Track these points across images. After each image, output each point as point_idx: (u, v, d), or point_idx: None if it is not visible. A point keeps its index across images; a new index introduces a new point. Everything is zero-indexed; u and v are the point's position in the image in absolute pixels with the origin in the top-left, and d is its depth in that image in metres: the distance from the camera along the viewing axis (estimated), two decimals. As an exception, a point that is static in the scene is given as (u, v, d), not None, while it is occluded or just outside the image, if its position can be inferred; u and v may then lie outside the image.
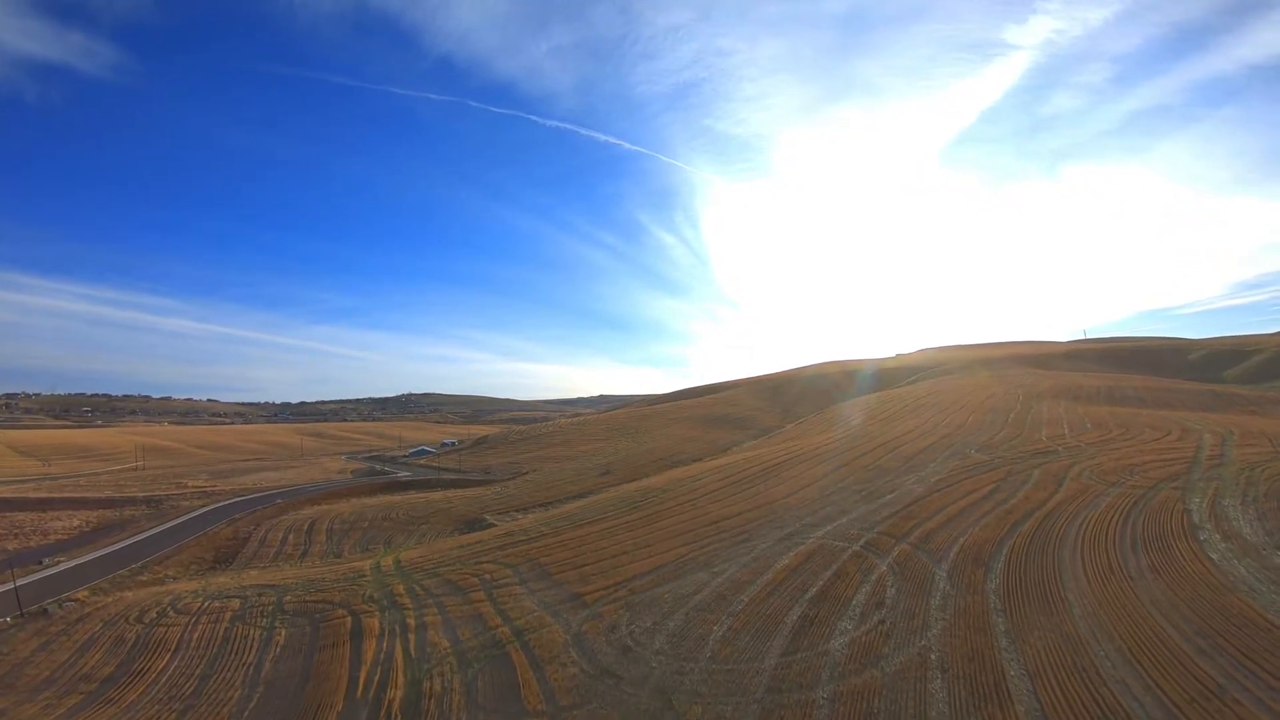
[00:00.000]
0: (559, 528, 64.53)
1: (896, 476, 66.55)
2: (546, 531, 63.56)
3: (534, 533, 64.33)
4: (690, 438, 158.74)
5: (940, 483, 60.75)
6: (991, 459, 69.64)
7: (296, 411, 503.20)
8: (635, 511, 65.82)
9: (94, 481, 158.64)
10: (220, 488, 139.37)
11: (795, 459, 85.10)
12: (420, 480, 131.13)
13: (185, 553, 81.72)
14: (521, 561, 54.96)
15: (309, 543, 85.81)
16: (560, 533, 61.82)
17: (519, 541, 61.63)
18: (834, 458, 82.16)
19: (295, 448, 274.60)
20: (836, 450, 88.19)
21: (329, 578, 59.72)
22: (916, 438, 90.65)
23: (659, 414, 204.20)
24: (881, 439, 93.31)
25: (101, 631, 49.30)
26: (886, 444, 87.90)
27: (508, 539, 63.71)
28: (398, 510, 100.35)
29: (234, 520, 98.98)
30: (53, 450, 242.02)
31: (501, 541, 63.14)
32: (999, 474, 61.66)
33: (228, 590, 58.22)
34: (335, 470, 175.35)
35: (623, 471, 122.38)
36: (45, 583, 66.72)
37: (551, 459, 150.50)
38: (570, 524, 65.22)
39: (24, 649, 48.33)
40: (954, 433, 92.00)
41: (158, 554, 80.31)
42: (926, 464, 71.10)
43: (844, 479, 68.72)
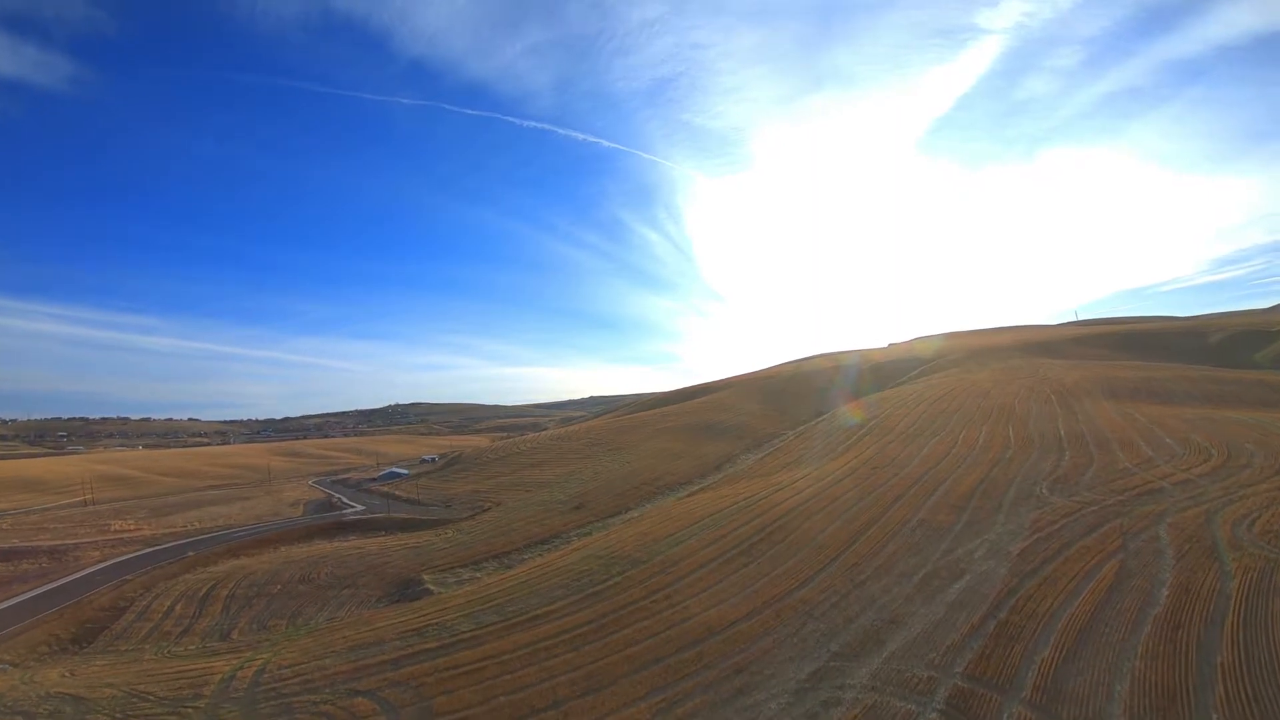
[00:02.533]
0: (485, 626, 45.00)
1: (954, 541, 47.33)
2: (467, 634, 43.96)
3: (452, 631, 44.80)
4: (677, 453, 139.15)
5: (1027, 557, 41.53)
6: (1078, 505, 50.55)
7: (280, 428, 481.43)
8: (591, 605, 46.14)
9: (15, 524, 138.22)
10: (145, 531, 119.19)
11: (803, 506, 65.67)
12: (367, 520, 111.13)
13: (42, 628, 61.95)
14: (408, 697, 35.52)
15: (199, 614, 66.16)
16: (482, 639, 42.25)
17: (426, 649, 42.17)
18: (855, 504, 62.90)
19: (264, 470, 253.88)
20: (855, 489, 68.96)
21: (158, 692, 40.35)
22: (956, 466, 71.46)
23: (644, 424, 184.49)
24: (910, 469, 74.14)
25: None
26: (919, 478, 68.73)
27: (416, 640, 44.22)
28: (324, 566, 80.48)
29: (124, 581, 79.07)
30: (4, 483, 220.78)
31: (407, 643, 43.72)
32: (1107, 537, 42.54)
33: (21, 703, 38.89)
34: (290, 501, 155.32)
35: (597, 504, 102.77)
36: None
37: (522, 486, 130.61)
38: (502, 620, 45.62)
39: None
40: (1003, 456, 72.90)
41: (6, 629, 60.65)
42: (990, 517, 51.87)
43: (879, 545, 49.39)
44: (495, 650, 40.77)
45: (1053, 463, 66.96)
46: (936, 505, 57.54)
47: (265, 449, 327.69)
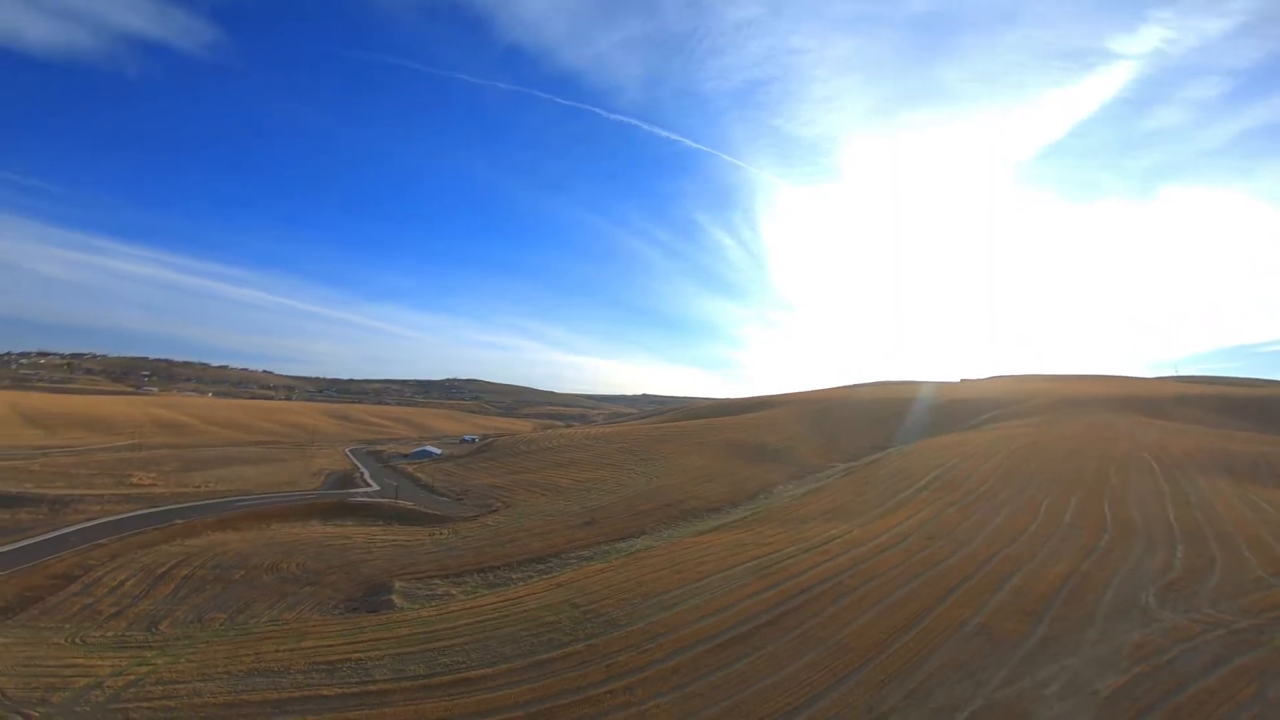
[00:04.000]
0: (402, 679, 35.38)
1: (1023, 663, 34.90)
2: (375, 687, 34.43)
3: (363, 677, 35.41)
4: (712, 474, 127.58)
5: (1121, 702, 29.15)
6: (1198, 626, 37.37)
7: (342, 389, 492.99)
8: (535, 678, 35.97)
9: (46, 465, 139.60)
10: (157, 489, 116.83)
11: (833, 580, 53.60)
12: (370, 505, 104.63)
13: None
14: None
15: (144, 595, 59.75)
16: (386, 699, 32.60)
17: (319, 696, 33.01)
18: (898, 588, 50.64)
19: (310, 432, 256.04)
20: (901, 566, 56.49)
21: (11, 688, 32.95)
22: (1035, 550, 57.98)
23: (685, 434, 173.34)
24: (975, 545, 61.02)
25: None
26: (986, 561, 55.76)
27: (319, 679, 35.04)
28: (300, 554, 73.54)
29: (96, 546, 74.33)
30: (64, 420, 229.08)
31: (308, 680, 34.71)
32: (1238, 679, 29.66)
33: None
34: (315, 470, 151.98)
35: (610, 523, 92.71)
36: None
37: (540, 488, 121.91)
38: (425, 675, 35.87)
39: None
40: (1096, 544, 58.91)
41: None
42: (1076, 632, 38.99)
43: (919, 657, 37.30)
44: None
45: (1163, 561, 52.62)
46: (1004, 606, 44.65)
47: (319, 409, 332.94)
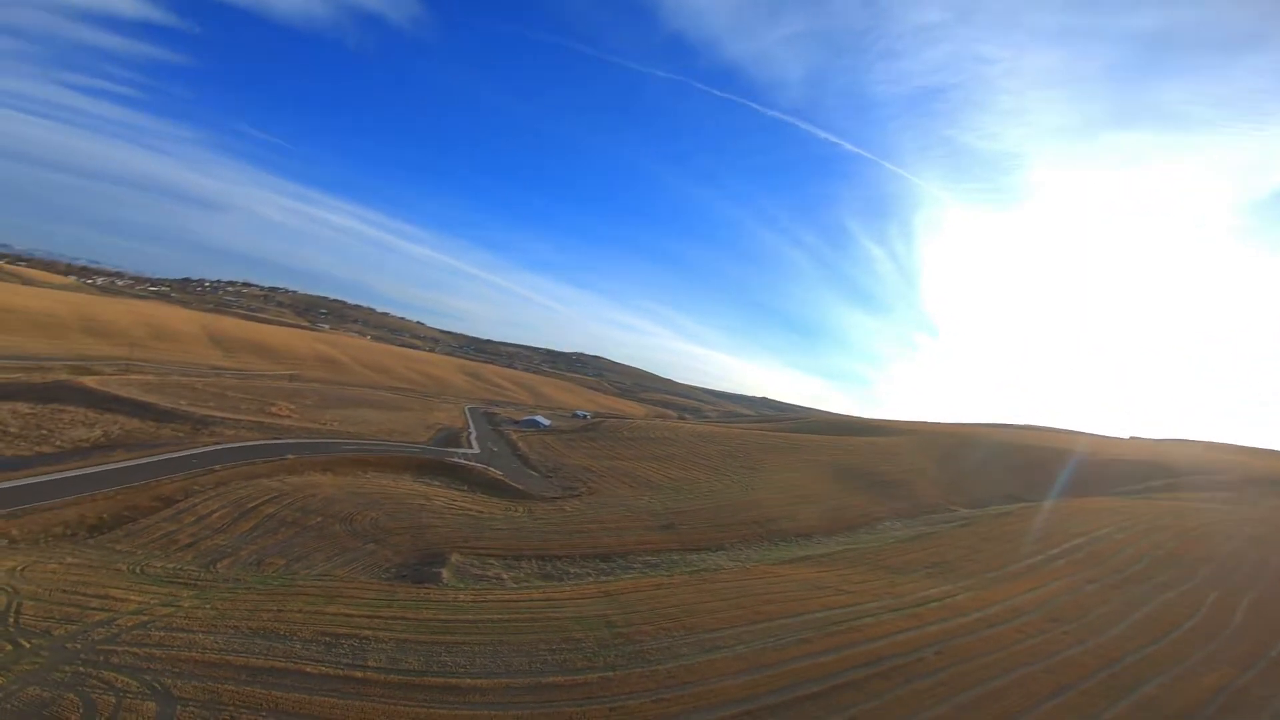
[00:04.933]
0: (395, 670, 32.60)
1: None
2: (361, 675, 31.89)
3: (357, 661, 33.05)
4: (813, 495, 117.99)
5: None
6: None
7: (479, 348, 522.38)
8: (534, 704, 31.88)
9: (209, 384, 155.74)
10: (289, 421, 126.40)
11: (915, 657, 44.86)
12: (463, 468, 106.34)
13: (82, 506, 62.00)
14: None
15: (224, 529, 62.81)
16: (364, 691, 29.98)
17: (301, 673, 30.94)
18: (995, 677, 41.38)
19: (442, 384, 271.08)
20: (1007, 650, 46.63)
21: (51, 610, 33.97)
22: (1183, 656, 46.07)
23: (795, 447, 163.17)
24: (1109, 636, 49.80)
25: None
26: (1117, 657, 44.82)
27: (317, 653, 33.17)
28: (374, 509, 74.93)
29: (209, 471, 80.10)
30: (243, 345, 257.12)
31: (306, 651, 32.94)
32: None
33: None
34: (430, 424, 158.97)
35: (689, 530, 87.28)
36: None
37: (631, 478, 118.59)
38: (418, 671, 32.95)
39: None
40: (1263, 655, 45.88)
41: (58, 499, 61.68)
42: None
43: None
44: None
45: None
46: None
47: (455, 364, 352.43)
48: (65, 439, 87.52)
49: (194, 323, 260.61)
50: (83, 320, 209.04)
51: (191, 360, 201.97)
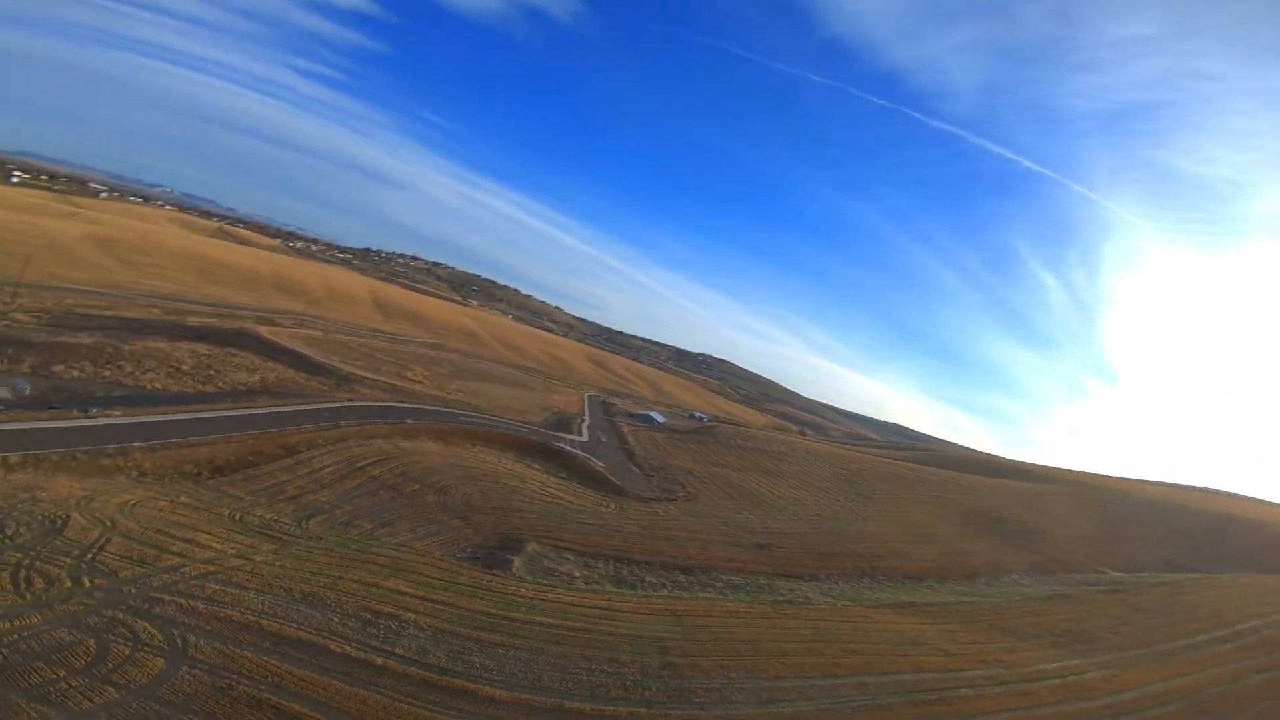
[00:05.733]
0: (424, 664, 30.96)
1: None
2: (381, 662, 30.52)
3: (387, 650, 31.80)
4: (932, 534, 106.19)
5: None
6: None
7: (610, 338, 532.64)
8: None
9: (363, 344, 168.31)
10: (418, 387, 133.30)
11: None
12: (564, 455, 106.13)
13: (212, 448, 67.41)
14: (204, 702, 23.96)
15: (328, 485, 65.75)
16: (381, 684, 28.46)
17: (327, 654, 30.14)
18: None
19: (568, 368, 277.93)
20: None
21: (136, 546, 36.03)
22: None
23: (920, 481, 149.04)
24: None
25: None
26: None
27: (349, 631, 32.51)
28: (470, 484, 75.77)
29: (332, 427, 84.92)
30: (401, 312, 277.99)
31: (343, 626, 32.34)
32: None
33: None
34: (546, 406, 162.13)
35: (786, 554, 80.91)
36: (16, 436, 55.97)
37: (735, 489, 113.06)
38: (451, 669, 31.07)
39: None
40: None
41: (196, 437, 67.55)
42: None
43: None
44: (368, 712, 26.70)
45: None
46: None
47: (584, 351, 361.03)
48: (226, 381, 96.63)
49: (364, 288, 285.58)
50: (276, 278, 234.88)
51: (355, 321, 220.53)
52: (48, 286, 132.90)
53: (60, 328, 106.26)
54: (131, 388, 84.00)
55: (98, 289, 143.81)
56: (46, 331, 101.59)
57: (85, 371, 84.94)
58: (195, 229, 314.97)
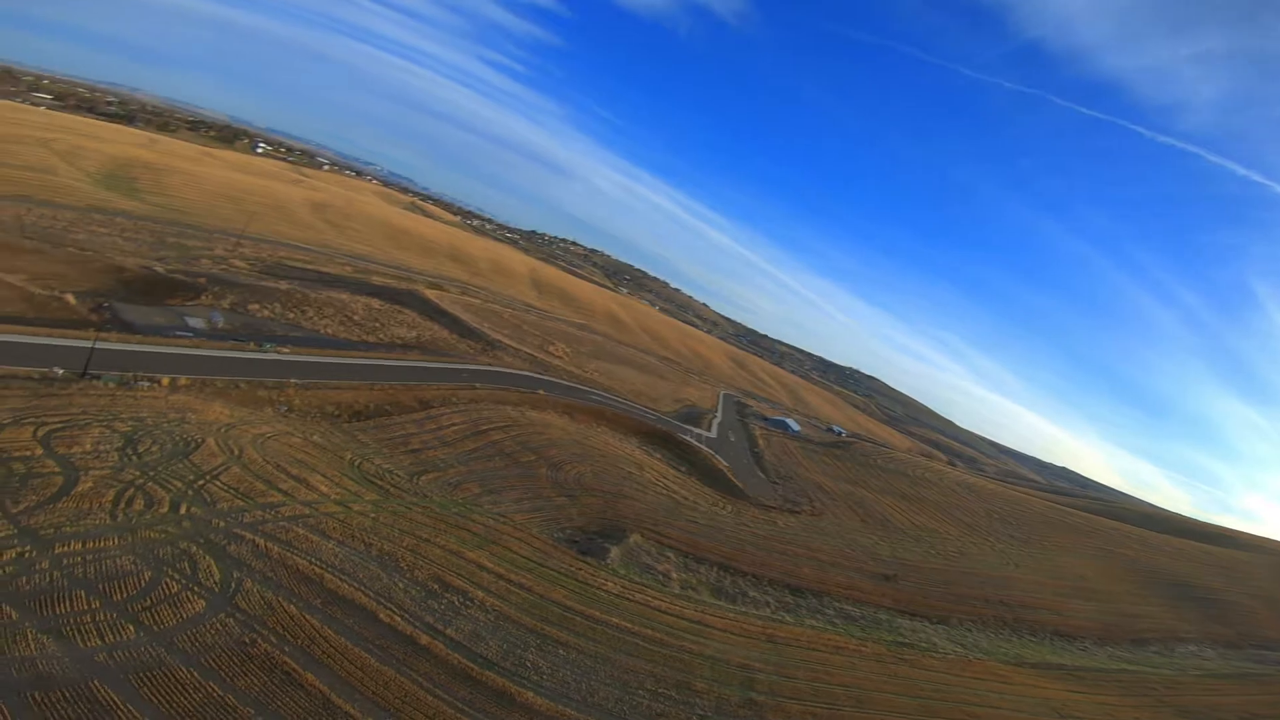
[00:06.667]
0: (467, 654, 27.31)
1: None
2: (421, 642, 27.19)
3: (435, 631, 28.58)
4: (1095, 590, 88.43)
5: None
6: None
7: (754, 340, 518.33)
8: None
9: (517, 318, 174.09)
10: (556, 361, 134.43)
11: None
12: (688, 447, 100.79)
13: (363, 392, 70.11)
14: (238, 665, 21.78)
15: (448, 444, 65.59)
16: (421, 665, 25.12)
17: (381, 629, 27.43)
18: None
19: (707, 364, 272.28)
20: None
21: (254, 483, 36.45)
22: None
23: (1090, 531, 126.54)
24: None
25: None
26: None
27: (417, 606, 29.74)
28: (585, 464, 73.00)
29: (468, 388, 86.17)
30: (554, 291, 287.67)
31: (406, 597, 29.72)
32: None
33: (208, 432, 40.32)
34: (678, 397, 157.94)
35: (914, 589, 70.10)
36: (197, 361, 61.07)
37: (866, 510, 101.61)
38: (495, 665, 27.18)
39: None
40: None
41: (345, 381, 70.65)
42: None
43: None
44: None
45: None
46: None
47: (725, 350, 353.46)
48: (387, 334, 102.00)
49: (525, 266, 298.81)
50: (451, 249, 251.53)
51: (512, 295, 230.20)
52: (266, 239, 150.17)
53: (266, 274, 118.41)
54: (307, 330, 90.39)
55: (305, 245, 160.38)
56: (254, 276, 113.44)
57: (274, 312, 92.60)
58: (393, 202, 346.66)
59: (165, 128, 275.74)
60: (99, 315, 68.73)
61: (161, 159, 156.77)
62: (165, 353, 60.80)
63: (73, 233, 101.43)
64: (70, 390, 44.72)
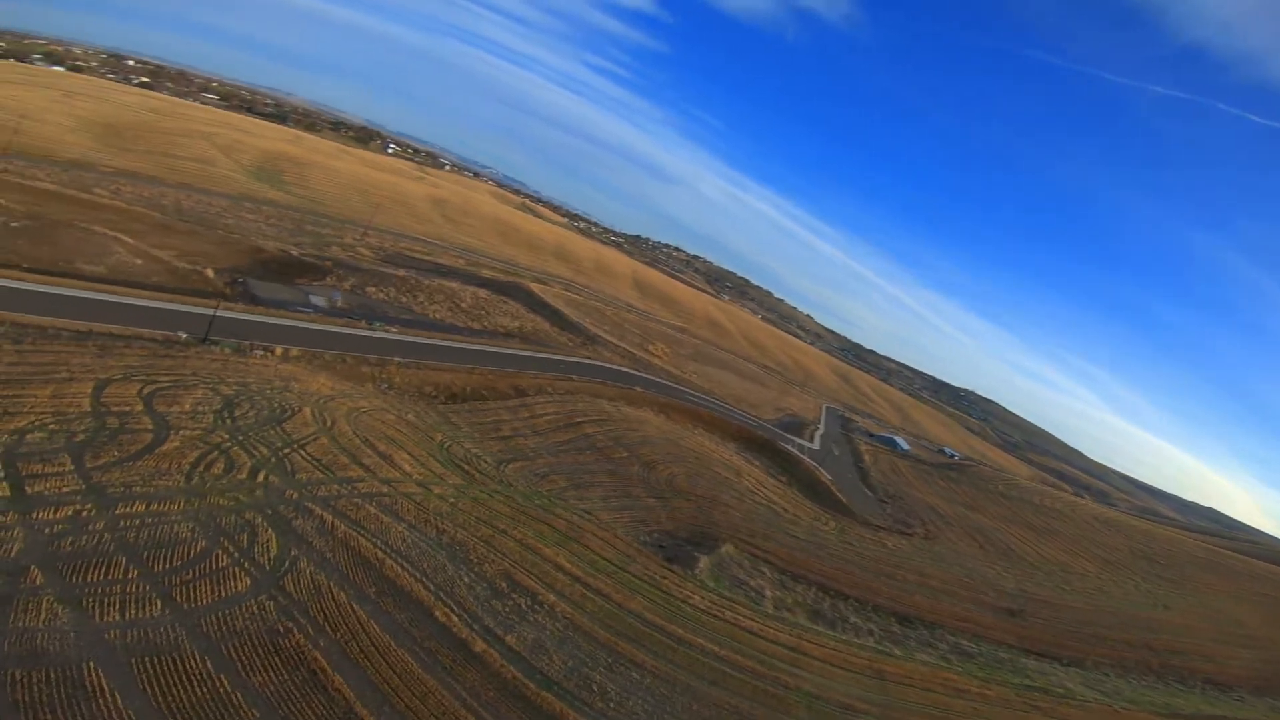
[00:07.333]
0: (524, 671, 23.36)
1: None
2: (479, 651, 23.46)
3: (496, 641, 25.02)
4: (1255, 638, 73.53)
5: None
6: None
7: (859, 354, 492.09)
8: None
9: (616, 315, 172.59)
10: (655, 360, 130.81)
11: None
12: (789, 456, 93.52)
13: (461, 375, 69.26)
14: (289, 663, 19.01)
15: (544, 432, 63.12)
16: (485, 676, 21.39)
17: (446, 636, 24.11)
18: None
19: (809, 375, 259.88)
20: None
21: (351, 460, 35.01)
22: None
23: (1251, 574, 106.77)
24: None
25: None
26: None
27: (485, 611, 26.33)
28: (679, 465, 68.29)
29: (568, 379, 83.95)
30: (656, 293, 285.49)
31: (477, 605, 26.45)
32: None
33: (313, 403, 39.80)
34: (779, 406, 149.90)
35: (1044, 625, 60.37)
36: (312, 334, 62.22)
37: (986, 537, 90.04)
38: (558, 682, 23.06)
39: (76, 357, 39.36)
40: None
41: (445, 363, 70.18)
42: None
43: None
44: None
45: None
46: None
47: (829, 362, 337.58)
48: (491, 322, 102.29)
49: (628, 267, 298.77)
50: (557, 247, 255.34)
51: (613, 295, 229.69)
52: (390, 231, 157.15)
53: (386, 262, 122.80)
54: (417, 314, 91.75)
55: (423, 237, 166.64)
56: (375, 263, 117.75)
57: (388, 296, 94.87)
58: (506, 201, 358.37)
59: (311, 127, 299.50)
60: (232, 289, 72.25)
61: (305, 154, 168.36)
62: (283, 325, 62.34)
63: (224, 218, 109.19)
64: (188, 353, 45.54)
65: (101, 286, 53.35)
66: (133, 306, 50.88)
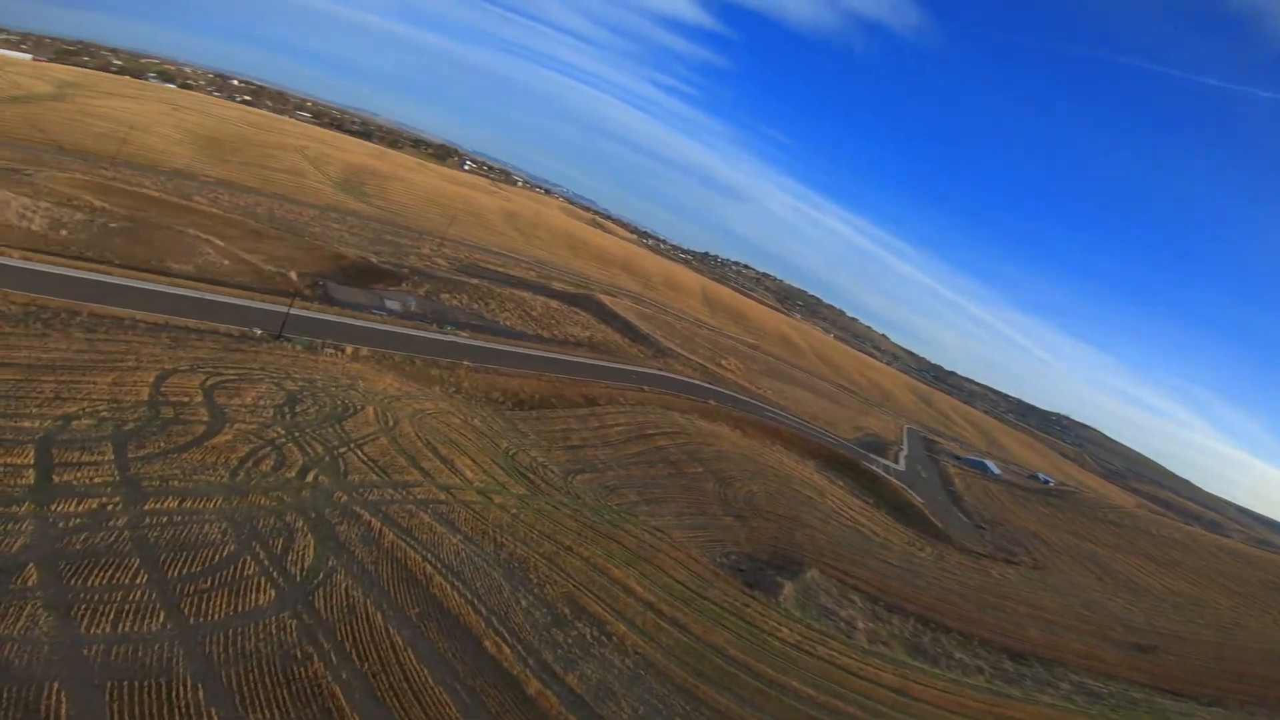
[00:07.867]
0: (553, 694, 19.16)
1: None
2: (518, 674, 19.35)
3: (539, 667, 20.82)
4: None
5: None
6: None
7: (939, 376, 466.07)
8: None
9: (689, 327, 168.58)
10: (727, 374, 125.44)
11: None
12: (874, 477, 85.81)
13: (530, 381, 66.48)
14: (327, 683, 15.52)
15: (614, 444, 59.28)
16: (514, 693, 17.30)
17: (449, 671, 20.24)
18: None
19: (886, 396, 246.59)
20: None
21: (421, 475, 32.37)
22: None
23: None
24: None
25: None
26: None
27: (539, 632, 22.36)
28: (758, 482, 62.90)
29: (639, 389, 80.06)
30: (725, 310, 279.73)
31: (524, 623, 22.56)
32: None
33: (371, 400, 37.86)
34: (858, 426, 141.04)
35: (1176, 662, 51.09)
36: (383, 335, 61.12)
37: (1102, 567, 79.53)
38: None
39: (146, 347, 38.72)
40: None
41: (514, 369, 67.71)
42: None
43: None
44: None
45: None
46: None
47: (908, 383, 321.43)
48: (561, 331, 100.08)
49: (697, 283, 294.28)
50: (625, 261, 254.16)
51: (683, 309, 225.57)
52: (464, 242, 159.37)
53: (460, 271, 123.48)
54: (488, 320, 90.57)
55: (496, 249, 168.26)
56: (450, 272, 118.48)
57: (461, 302, 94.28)
58: (575, 217, 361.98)
59: (393, 144, 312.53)
60: (312, 290, 72.87)
61: (387, 168, 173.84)
62: (356, 325, 61.54)
63: (311, 226, 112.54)
64: (259, 348, 44.40)
65: (186, 283, 53.66)
66: (212, 302, 50.69)
